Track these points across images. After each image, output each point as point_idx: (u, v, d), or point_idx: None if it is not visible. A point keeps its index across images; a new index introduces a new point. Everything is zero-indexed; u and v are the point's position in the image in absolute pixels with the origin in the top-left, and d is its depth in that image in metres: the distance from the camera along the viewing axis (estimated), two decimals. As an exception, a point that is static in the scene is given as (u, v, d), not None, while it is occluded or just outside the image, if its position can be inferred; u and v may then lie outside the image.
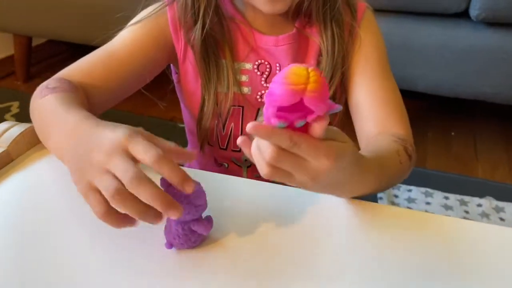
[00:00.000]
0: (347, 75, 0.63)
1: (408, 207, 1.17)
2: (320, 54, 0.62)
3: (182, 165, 0.73)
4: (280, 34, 0.61)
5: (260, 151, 0.35)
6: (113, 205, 0.35)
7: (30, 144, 0.57)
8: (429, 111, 1.72)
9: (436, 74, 1.29)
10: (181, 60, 0.62)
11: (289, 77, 0.31)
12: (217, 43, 0.61)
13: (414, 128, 0.59)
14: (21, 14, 1.78)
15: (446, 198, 1.25)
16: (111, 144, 0.37)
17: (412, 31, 1.23)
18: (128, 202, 0.34)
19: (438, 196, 1.25)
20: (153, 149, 0.35)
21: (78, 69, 0.59)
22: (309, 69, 0.31)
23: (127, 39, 0.60)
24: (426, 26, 1.24)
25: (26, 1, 1.73)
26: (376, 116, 0.59)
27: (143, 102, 1.57)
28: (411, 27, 1.24)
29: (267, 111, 0.33)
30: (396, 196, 1.21)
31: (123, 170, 0.35)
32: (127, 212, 0.35)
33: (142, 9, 0.63)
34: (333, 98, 0.63)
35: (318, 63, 0.62)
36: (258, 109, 0.64)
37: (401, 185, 1.25)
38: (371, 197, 0.49)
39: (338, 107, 0.34)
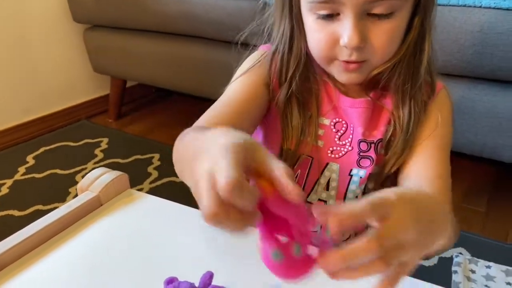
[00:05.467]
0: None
1: (486, 286, 1.09)
2: (389, 123, 0.63)
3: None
4: (357, 97, 0.64)
5: None
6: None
7: (118, 190, 0.62)
8: (513, 182, 1.61)
9: (524, 144, 1.22)
10: (273, 105, 0.66)
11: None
12: (305, 97, 0.64)
13: (495, 199, 0.57)
14: (119, 60, 1.96)
15: (530, 279, 1.15)
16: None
17: (499, 99, 1.19)
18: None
19: (520, 276, 1.15)
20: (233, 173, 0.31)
21: (211, 118, 0.58)
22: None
23: (243, 83, 0.64)
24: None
25: (123, 50, 1.92)
26: (422, 185, 0.58)
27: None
28: (498, 94, 1.19)
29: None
30: (472, 271, 1.14)
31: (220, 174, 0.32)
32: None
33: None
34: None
35: (386, 131, 0.63)
36: (327, 164, 0.65)
37: (479, 260, 1.17)
38: (446, 271, 0.47)
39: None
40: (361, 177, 0.65)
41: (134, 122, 2.13)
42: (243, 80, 0.64)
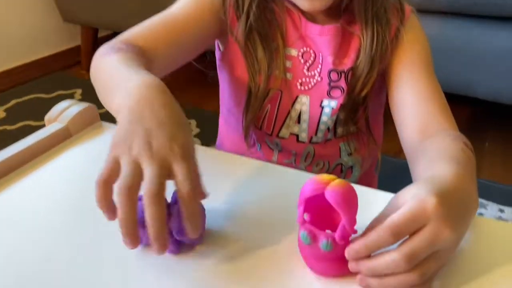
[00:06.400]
0: (389, 75, 0.62)
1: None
2: (359, 50, 0.61)
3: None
4: (326, 24, 0.61)
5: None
6: (115, 197, 0.35)
7: (87, 122, 0.60)
8: (488, 119, 1.64)
9: (497, 80, 1.23)
10: (229, 36, 0.63)
11: (318, 176, 0.37)
12: (267, 28, 0.62)
13: (470, 136, 0.56)
14: (89, 8, 1.88)
15: (501, 211, 1.19)
16: (160, 147, 0.36)
17: (475, 35, 1.19)
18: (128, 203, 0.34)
19: (492, 208, 1.19)
20: (190, 182, 0.35)
21: (142, 33, 0.58)
22: (338, 179, 0.37)
23: (186, 5, 0.61)
24: (489, 30, 1.19)
25: (94, -6, 1.83)
26: (421, 111, 0.57)
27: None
28: (473, 30, 1.19)
29: (299, 209, 0.38)
30: (445, 204, 1.17)
31: (150, 178, 0.35)
32: (118, 213, 0.35)
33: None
34: (364, 98, 0.63)
35: (357, 58, 0.61)
36: (297, 96, 0.64)
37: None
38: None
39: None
40: (332, 108, 0.63)
41: (108, 73, 2.08)
42: (191, 2, 0.61)
